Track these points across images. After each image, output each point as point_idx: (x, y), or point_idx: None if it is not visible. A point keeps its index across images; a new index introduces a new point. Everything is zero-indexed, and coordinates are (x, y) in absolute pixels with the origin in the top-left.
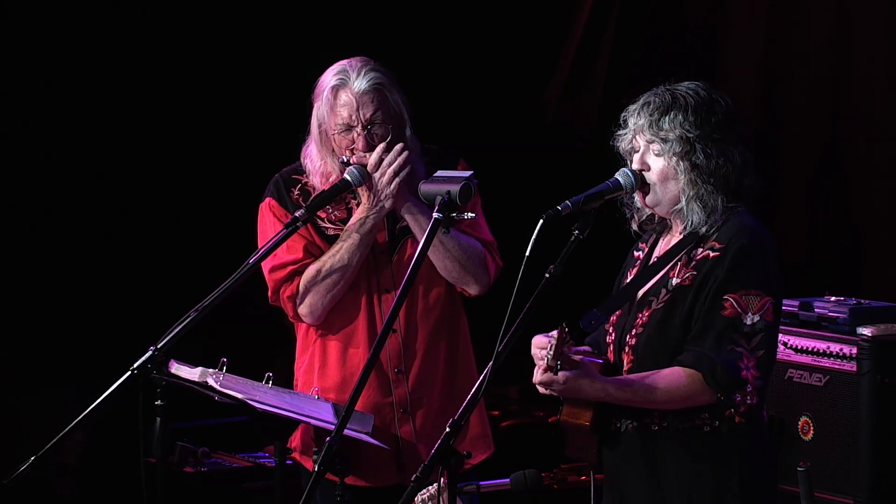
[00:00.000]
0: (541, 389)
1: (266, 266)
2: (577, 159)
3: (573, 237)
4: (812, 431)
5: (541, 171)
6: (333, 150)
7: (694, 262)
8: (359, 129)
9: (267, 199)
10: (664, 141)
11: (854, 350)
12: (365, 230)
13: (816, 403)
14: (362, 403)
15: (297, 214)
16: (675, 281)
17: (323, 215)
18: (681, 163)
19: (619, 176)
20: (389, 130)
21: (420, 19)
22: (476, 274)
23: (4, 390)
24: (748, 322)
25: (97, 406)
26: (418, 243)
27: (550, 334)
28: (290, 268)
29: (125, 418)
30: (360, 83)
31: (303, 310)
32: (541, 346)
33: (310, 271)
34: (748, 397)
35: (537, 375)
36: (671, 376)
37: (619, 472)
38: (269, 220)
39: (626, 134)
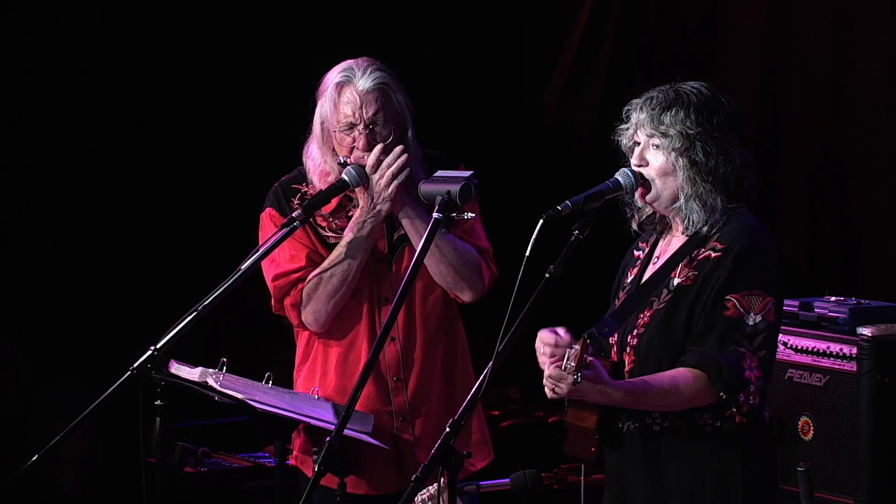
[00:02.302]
0: (548, 384)
1: (269, 275)
2: (577, 159)
3: (573, 237)
4: (812, 431)
5: (541, 171)
6: (334, 149)
7: (695, 263)
8: (360, 127)
9: (267, 209)
10: (664, 136)
11: (854, 350)
12: (363, 233)
13: (816, 403)
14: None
15: (293, 215)
16: (676, 281)
17: (324, 224)
18: (680, 159)
19: (619, 176)
20: (391, 131)
21: (420, 20)
22: (470, 280)
23: (5, 390)
24: (750, 322)
25: (97, 406)
26: (415, 249)
27: (557, 330)
28: (293, 276)
29: (125, 418)
30: (364, 82)
31: (307, 317)
32: (546, 341)
33: (311, 278)
34: (751, 398)
35: (549, 371)
36: (677, 378)
37: (621, 473)
38: (269, 230)
39: (628, 128)
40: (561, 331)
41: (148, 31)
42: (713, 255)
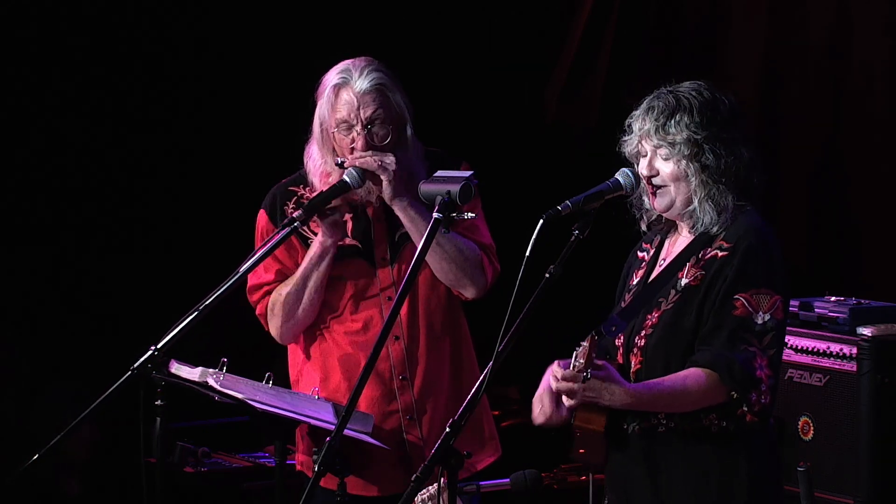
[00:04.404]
0: (562, 387)
1: (248, 283)
2: (577, 159)
3: (573, 237)
4: (812, 431)
5: (541, 171)
6: (334, 150)
7: (702, 262)
8: (358, 128)
9: (260, 211)
10: (672, 145)
11: (854, 350)
12: (314, 256)
13: (816, 403)
14: (367, 411)
15: (294, 215)
16: (683, 281)
17: (318, 230)
18: (690, 165)
19: (618, 176)
20: (389, 131)
21: (420, 19)
22: (472, 277)
23: (5, 390)
24: (759, 321)
25: (98, 406)
26: (416, 248)
27: (567, 363)
28: (263, 288)
29: (125, 418)
30: (361, 83)
31: (272, 331)
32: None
33: (272, 296)
34: (763, 396)
35: (562, 374)
36: (689, 378)
37: (624, 474)
38: (257, 235)
39: (630, 139)
40: (585, 343)
41: (149, 31)
42: (720, 254)
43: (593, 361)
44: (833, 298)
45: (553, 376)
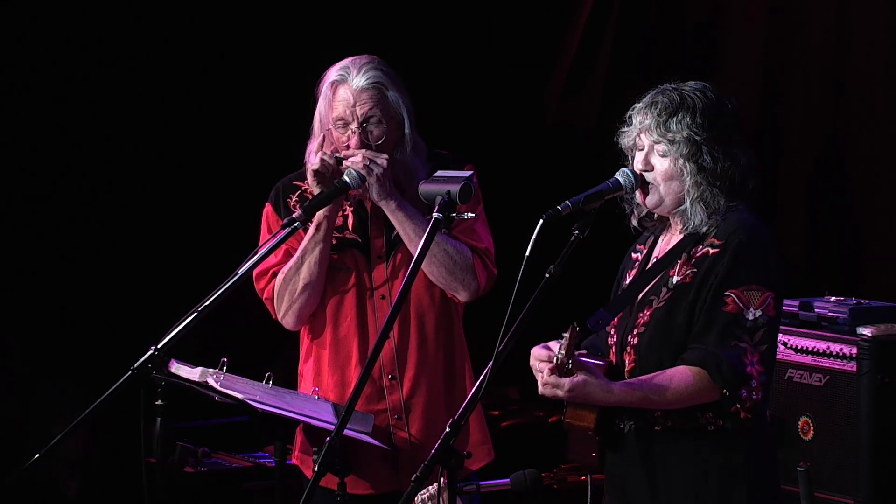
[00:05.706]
0: (546, 392)
1: (254, 270)
2: (577, 159)
3: (573, 237)
4: (812, 431)
5: (541, 171)
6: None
7: (694, 260)
8: (354, 126)
9: (266, 205)
10: (671, 142)
11: (854, 350)
12: (311, 227)
13: (816, 403)
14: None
15: (294, 216)
16: (675, 279)
17: None
18: (687, 164)
19: (619, 176)
20: (384, 130)
21: (420, 19)
22: (464, 281)
23: (6, 390)
24: (750, 317)
25: (98, 406)
26: (409, 250)
27: (549, 345)
28: (272, 271)
29: (125, 418)
30: (358, 80)
31: (279, 315)
32: (540, 358)
33: (279, 276)
34: (753, 392)
35: (544, 378)
36: (677, 376)
37: (622, 475)
38: (263, 227)
39: (629, 130)
40: (553, 345)
41: (152, 31)
42: (711, 251)
43: (574, 353)
44: (833, 298)
45: (538, 374)
